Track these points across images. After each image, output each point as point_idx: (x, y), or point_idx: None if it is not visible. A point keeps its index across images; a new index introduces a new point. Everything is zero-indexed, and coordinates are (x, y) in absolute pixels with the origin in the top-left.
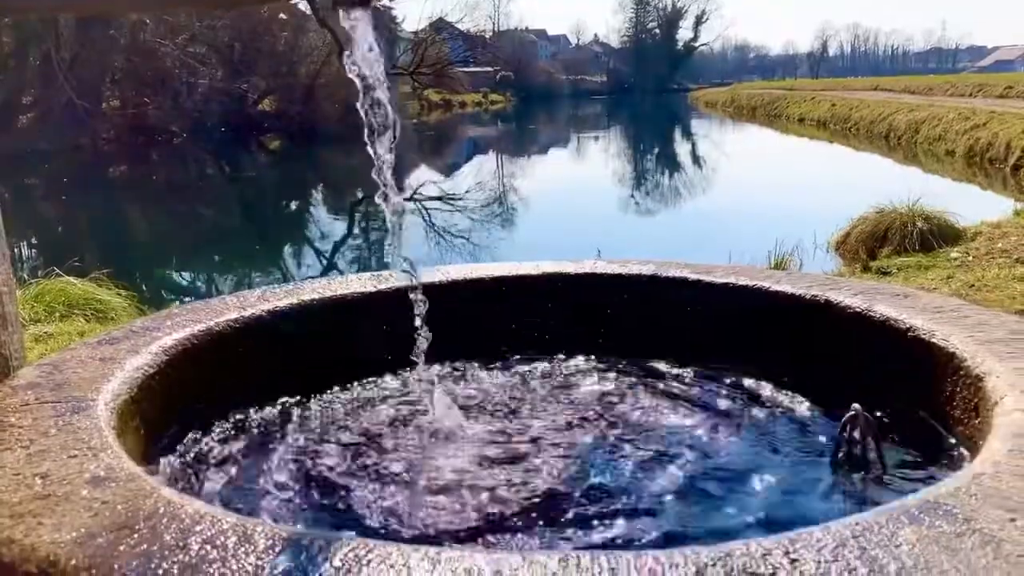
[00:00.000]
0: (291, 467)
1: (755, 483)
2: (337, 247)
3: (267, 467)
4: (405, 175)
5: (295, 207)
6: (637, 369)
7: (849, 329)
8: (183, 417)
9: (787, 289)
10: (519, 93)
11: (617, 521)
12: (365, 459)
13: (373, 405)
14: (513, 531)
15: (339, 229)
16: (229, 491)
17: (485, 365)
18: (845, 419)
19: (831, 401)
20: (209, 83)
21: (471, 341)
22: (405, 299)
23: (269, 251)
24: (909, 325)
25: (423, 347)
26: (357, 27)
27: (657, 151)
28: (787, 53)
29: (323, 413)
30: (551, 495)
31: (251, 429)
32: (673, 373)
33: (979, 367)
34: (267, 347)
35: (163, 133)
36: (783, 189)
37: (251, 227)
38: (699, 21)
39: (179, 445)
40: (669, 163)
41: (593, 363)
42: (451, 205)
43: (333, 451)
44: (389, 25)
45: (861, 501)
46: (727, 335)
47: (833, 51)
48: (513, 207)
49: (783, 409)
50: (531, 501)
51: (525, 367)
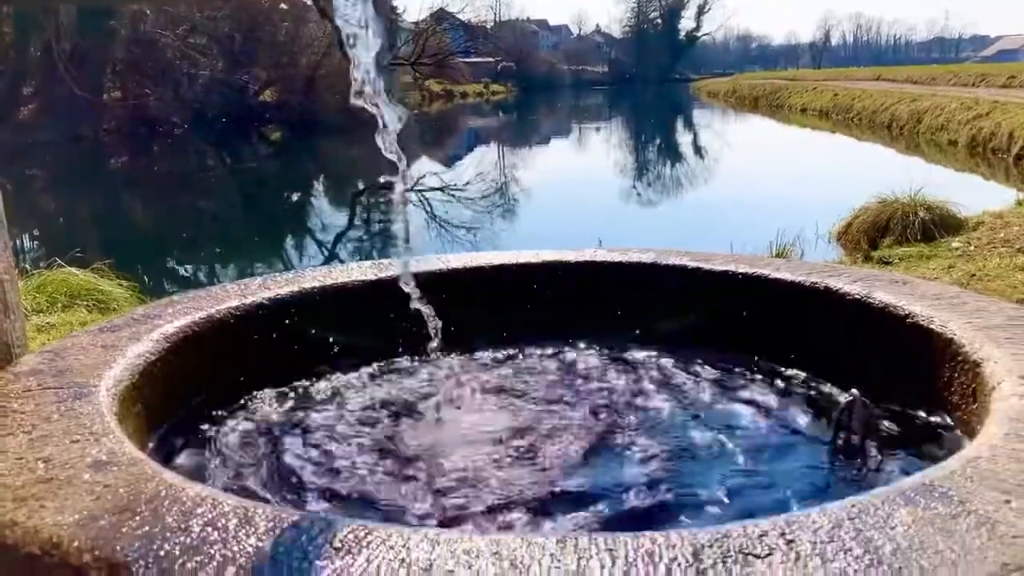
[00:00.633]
0: (298, 451)
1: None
2: (339, 237)
3: (272, 449)
4: (407, 165)
5: (296, 198)
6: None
7: (848, 315)
8: (184, 403)
9: (786, 276)
10: (520, 83)
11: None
12: (372, 435)
13: (381, 387)
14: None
15: (340, 219)
16: (230, 472)
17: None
18: (843, 405)
19: (829, 386)
20: (210, 74)
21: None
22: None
23: (270, 242)
24: (908, 311)
25: (433, 331)
26: None
27: (659, 141)
28: (789, 43)
29: (329, 396)
30: None
31: (253, 414)
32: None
33: (977, 353)
34: (268, 334)
35: (164, 124)
36: (785, 179)
37: (252, 218)
38: (701, 11)
39: (181, 430)
40: (671, 153)
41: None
42: (452, 196)
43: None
44: (390, 15)
45: (858, 485)
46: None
47: (835, 41)
48: (515, 198)
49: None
50: None
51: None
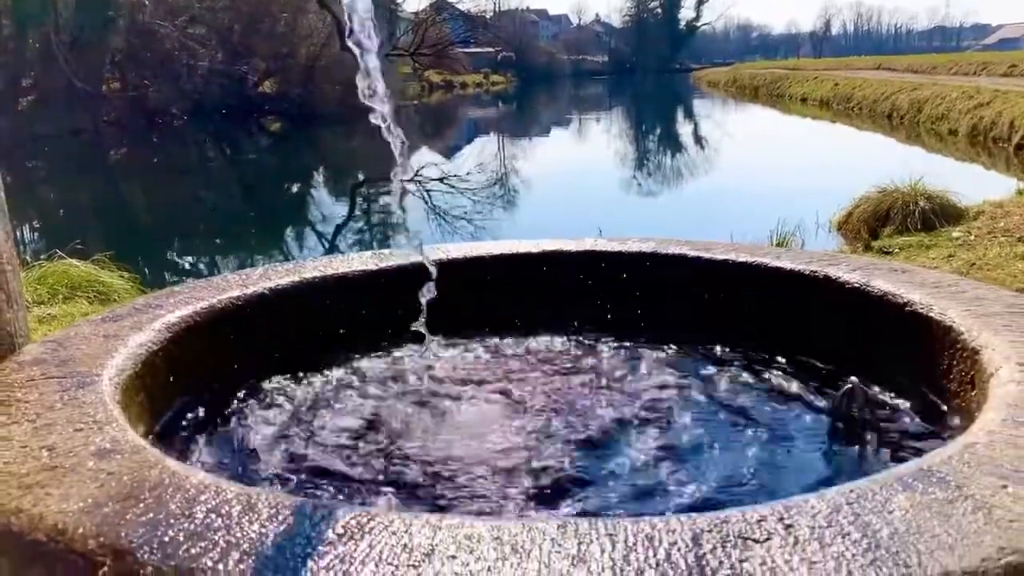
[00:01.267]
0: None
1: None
2: (339, 228)
3: (271, 435)
4: (407, 155)
5: (296, 189)
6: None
7: (848, 303)
8: (186, 391)
9: (786, 265)
10: (520, 74)
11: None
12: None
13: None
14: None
15: (340, 211)
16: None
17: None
18: (841, 392)
19: (830, 374)
20: (209, 65)
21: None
22: (405, 277)
23: (271, 233)
24: (907, 300)
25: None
26: None
27: (659, 132)
28: (790, 32)
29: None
30: None
31: (254, 402)
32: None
33: (975, 340)
34: (269, 323)
35: (164, 115)
36: (785, 169)
37: (253, 209)
38: (701, 0)
39: (183, 418)
40: (671, 143)
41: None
42: (453, 186)
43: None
44: (389, 5)
45: (856, 471)
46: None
47: (836, 30)
48: (515, 188)
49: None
50: None
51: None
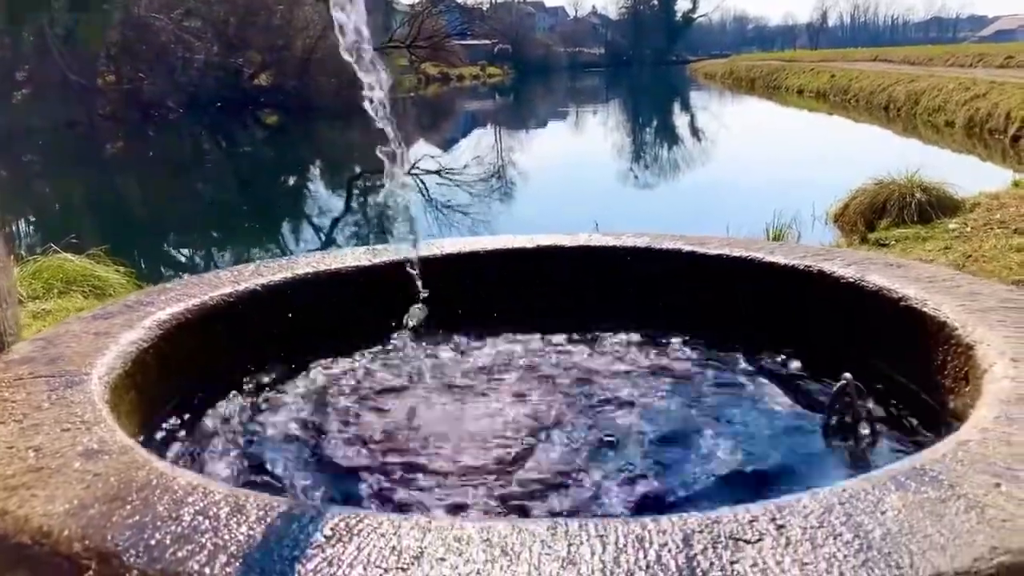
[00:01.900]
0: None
1: None
2: (335, 222)
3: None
4: (403, 146)
5: (292, 182)
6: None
7: (843, 298)
8: (178, 390)
9: (780, 260)
10: (517, 66)
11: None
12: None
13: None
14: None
15: (337, 204)
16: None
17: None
18: (836, 388)
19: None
20: (205, 58)
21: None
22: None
23: (267, 227)
24: (902, 295)
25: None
26: None
27: (655, 124)
28: (786, 24)
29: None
30: None
31: (243, 401)
32: None
33: (970, 336)
34: (261, 320)
35: (159, 108)
36: (781, 161)
37: (249, 203)
38: None
39: (174, 418)
40: (667, 136)
41: None
42: (449, 179)
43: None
44: None
45: (850, 468)
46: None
47: (832, 21)
48: (511, 181)
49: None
50: None
51: None
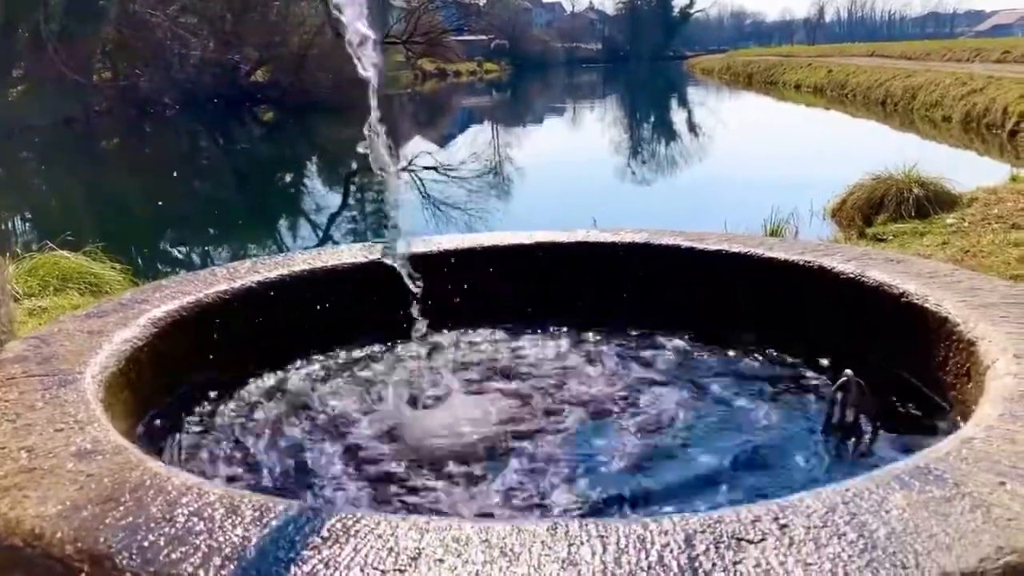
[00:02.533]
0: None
1: None
2: (332, 219)
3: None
4: (400, 145)
5: (289, 179)
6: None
7: (844, 294)
8: (172, 389)
9: (780, 255)
10: (514, 62)
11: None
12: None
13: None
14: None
15: (334, 200)
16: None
17: None
18: (837, 384)
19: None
20: (201, 54)
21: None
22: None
23: (264, 223)
24: (903, 290)
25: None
26: None
27: (653, 120)
28: (783, 19)
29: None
30: None
31: (240, 399)
32: None
33: (972, 331)
34: (256, 318)
35: (155, 105)
36: (779, 157)
37: (245, 199)
38: None
39: (168, 416)
40: (665, 132)
41: None
42: (446, 176)
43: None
44: None
45: (852, 466)
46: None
47: (830, 17)
48: (509, 177)
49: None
50: None
51: None
